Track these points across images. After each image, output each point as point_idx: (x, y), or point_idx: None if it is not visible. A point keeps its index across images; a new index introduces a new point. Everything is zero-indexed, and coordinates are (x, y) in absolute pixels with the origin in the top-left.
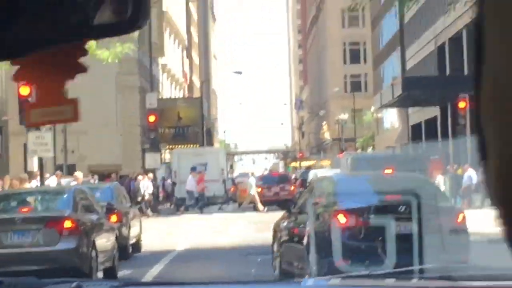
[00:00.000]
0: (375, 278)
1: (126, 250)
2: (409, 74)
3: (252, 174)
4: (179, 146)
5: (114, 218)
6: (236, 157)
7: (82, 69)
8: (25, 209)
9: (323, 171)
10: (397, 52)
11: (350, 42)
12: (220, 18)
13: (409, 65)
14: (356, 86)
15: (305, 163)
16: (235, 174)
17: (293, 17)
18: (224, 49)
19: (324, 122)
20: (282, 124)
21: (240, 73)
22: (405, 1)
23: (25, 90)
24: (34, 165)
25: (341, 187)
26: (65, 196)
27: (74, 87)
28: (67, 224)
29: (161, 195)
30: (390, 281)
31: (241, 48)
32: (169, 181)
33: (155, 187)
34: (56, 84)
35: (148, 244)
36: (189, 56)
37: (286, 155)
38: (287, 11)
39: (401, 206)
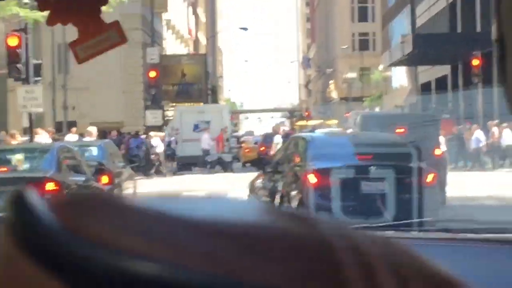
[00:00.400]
0: (374, 230)
1: None
2: (419, 32)
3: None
4: (183, 104)
5: (105, 179)
6: (241, 116)
7: None
8: (2, 169)
9: (329, 130)
10: (406, 9)
11: (358, 0)
12: None
13: (419, 22)
14: (364, 44)
15: (311, 122)
16: (241, 132)
17: None
18: (231, 7)
19: (332, 81)
20: (289, 82)
21: (246, 29)
22: None
23: (13, 41)
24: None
25: (315, 146)
26: (47, 154)
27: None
28: (49, 186)
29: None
30: (390, 232)
31: (247, 6)
32: (173, 139)
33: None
34: (92, 14)
35: None
36: (195, 13)
37: (292, 114)
38: None
39: (371, 167)
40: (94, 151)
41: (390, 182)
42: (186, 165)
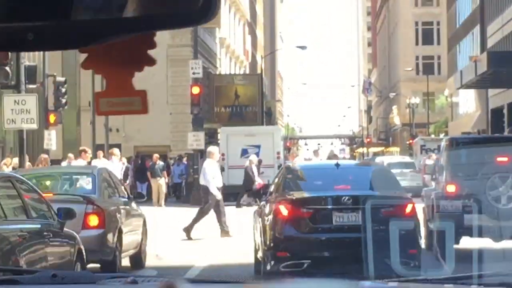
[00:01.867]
0: (433, 283)
1: (113, 265)
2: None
3: (331, 159)
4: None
5: (93, 220)
6: (301, 142)
7: (151, 61)
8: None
9: (390, 158)
10: (476, 30)
11: (423, 22)
12: None
13: (489, 43)
14: (428, 68)
15: (372, 149)
16: (298, 159)
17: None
18: (290, 30)
19: (394, 106)
20: (349, 107)
21: (304, 47)
22: None
23: None
24: (52, 143)
25: (295, 175)
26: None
27: None
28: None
29: None
30: (449, 286)
31: (308, 30)
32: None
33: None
34: (125, 75)
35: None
36: (252, 33)
37: (352, 140)
38: None
39: (344, 197)
40: (83, 181)
41: (365, 213)
42: (232, 195)
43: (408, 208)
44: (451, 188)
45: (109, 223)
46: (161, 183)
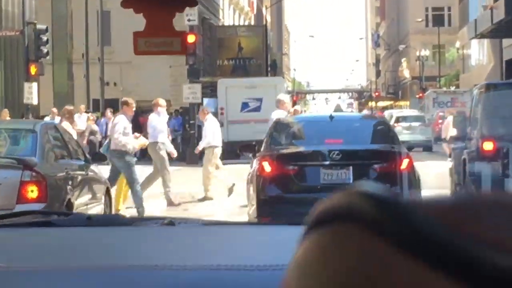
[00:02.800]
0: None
1: None
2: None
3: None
4: None
5: (32, 190)
6: (308, 97)
7: (192, 1)
8: None
9: (399, 111)
10: None
11: None
12: None
13: None
14: (438, 20)
15: (381, 103)
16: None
17: None
18: None
19: (403, 59)
20: (357, 61)
21: None
22: None
23: None
24: (33, 97)
25: (283, 129)
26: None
27: (117, 8)
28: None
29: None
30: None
31: None
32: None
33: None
34: (165, 15)
35: None
36: None
37: (361, 94)
38: None
39: (334, 152)
40: (21, 140)
41: (357, 170)
42: (233, 152)
43: (404, 164)
44: (488, 146)
45: (53, 194)
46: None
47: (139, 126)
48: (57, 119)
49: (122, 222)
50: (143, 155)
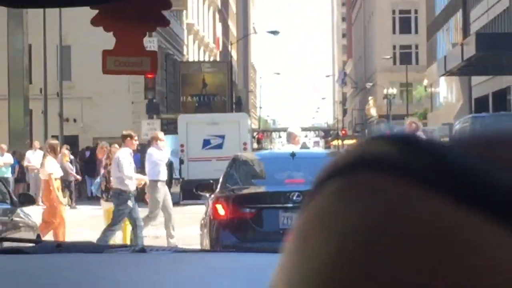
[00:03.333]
0: None
1: None
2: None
3: None
4: None
5: None
6: (274, 134)
7: (164, 21)
8: None
9: None
10: (457, 15)
11: (400, 10)
12: None
13: (473, 29)
14: (406, 58)
15: (348, 142)
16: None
17: None
18: (264, 23)
19: (371, 97)
20: (323, 99)
21: (276, 32)
22: None
23: None
24: None
25: (243, 168)
26: None
27: (78, 43)
28: None
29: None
30: None
31: (282, 21)
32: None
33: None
34: (136, 34)
35: None
36: (224, 22)
37: (327, 132)
38: None
39: (294, 193)
40: None
41: None
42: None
43: None
44: None
45: None
46: None
47: (95, 162)
48: (6, 156)
49: (93, 249)
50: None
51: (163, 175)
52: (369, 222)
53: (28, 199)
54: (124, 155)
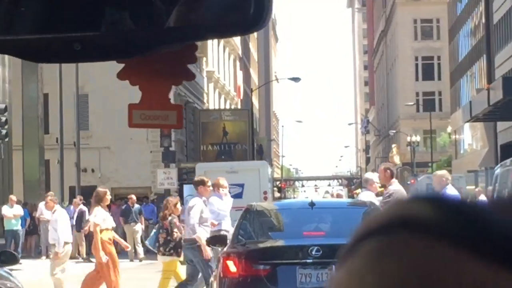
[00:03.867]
0: None
1: None
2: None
3: None
4: None
5: None
6: (297, 183)
7: (190, 75)
8: None
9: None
10: (481, 61)
11: (423, 57)
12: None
13: (497, 74)
14: (429, 105)
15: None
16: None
17: (359, 38)
18: (286, 70)
19: (394, 145)
20: (346, 147)
21: (298, 80)
22: None
23: None
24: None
25: (257, 220)
26: None
27: (96, 92)
28: None
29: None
30: None
31: (304, 70)
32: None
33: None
34: (162, 88)
35: None
36: (245, 70)
37: (350, 181)
38: (352, 32)
39: (313, 248)
40: None
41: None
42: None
43: None
44: None
45: None
46: (136, 229)
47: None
48: (16, 207)
49: None
50: None
51: (226, 226)
52: (409, 286)
53: (10, 258)
54: (194, 204)
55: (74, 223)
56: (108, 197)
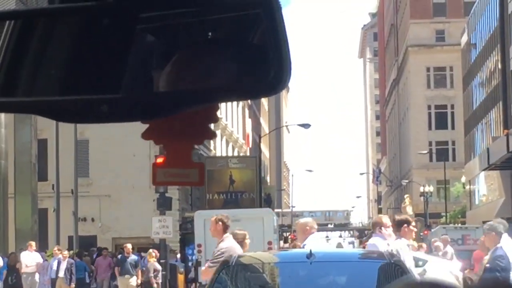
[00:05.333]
0: None
1: None
2: None
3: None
4: None
5: None
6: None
7: (211, 135)
8: None
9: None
10: (497, 108)
11: (436, 105)
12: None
13: None
14: (442, 154)
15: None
16: None
17: (370, 88)
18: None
19: (406, 195)
20: (357, 197)
21: (308, 126)
22: None
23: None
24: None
25: (239, 277)
26: None
27: (97, 137)
28: None
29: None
30: None
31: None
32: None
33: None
34: (184, 147)
35: None
36: (254, 118)
37: (362, 232)
38: (364, 82)
39: None
40: None
41: None
42: None
43: None
44: None
45: None
46: (131, 283)
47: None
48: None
49: None
50: None
51: None
52: None
53: None
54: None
55: (61, 274)
56: None
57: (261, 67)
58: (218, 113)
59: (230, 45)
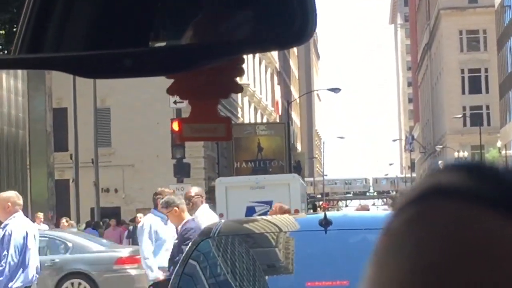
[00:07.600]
0: None
1: None
2: None
3: None
4: None
5: None
6: (341, 204)
7: (238, 88)
8: None
9: None
10: None
11: (469, 69)
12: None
13: None
14: (477, 119)
15: None
16: None
17: (402, 54)
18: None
19: (440, 162)
20: (390, 165)
21: (338, 90)
22: None
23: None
24: None
25: (226, 254)
26: None
27: (119, 105)
28: None
29: None
30: None
31: (347, 87)
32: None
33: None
34: (210, 102)
35: None
36: (284, 85)
37: (395, 200)
38: (395, 48)
39: None
40: None
41: None
42: None
43: None
44: None
45: None
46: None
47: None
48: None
49: None
50: None
51: None
52: (446, 245)
53: None
54: None
55: None
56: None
57: (286, 17)
58: (244, 66)
59: None
